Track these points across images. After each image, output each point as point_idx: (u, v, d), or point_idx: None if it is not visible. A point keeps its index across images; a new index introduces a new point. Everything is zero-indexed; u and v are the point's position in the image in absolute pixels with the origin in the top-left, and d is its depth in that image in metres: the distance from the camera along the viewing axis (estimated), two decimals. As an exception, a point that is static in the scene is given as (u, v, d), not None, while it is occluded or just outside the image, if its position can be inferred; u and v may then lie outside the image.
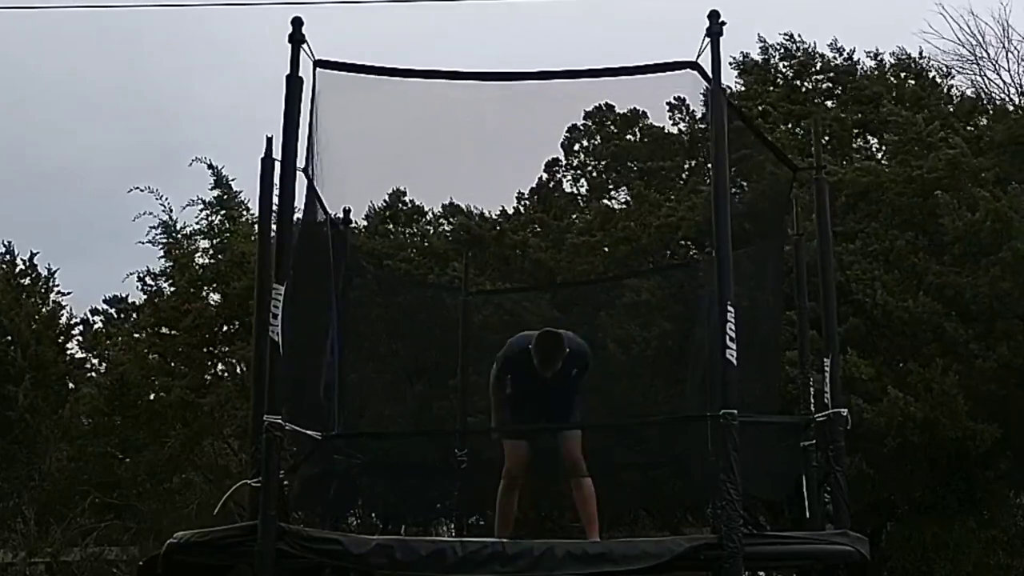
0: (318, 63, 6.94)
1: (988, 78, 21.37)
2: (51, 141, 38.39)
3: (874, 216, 14.87)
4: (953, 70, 19.67)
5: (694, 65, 7.00)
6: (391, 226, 17.94)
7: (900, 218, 14.99)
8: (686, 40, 7.19)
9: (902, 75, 17.75)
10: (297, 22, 6.89)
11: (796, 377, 9.30)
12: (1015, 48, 21.61)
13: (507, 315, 14.28)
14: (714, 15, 6.90)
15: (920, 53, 18.40)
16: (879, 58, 17.86)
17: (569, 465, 7.86)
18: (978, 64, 21.60)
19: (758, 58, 17.97)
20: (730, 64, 17.80)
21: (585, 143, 18.01)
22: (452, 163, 9.27)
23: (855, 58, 17.76)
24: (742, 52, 17.96)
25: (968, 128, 16.22)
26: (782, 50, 17.91)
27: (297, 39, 6.88)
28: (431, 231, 17.92)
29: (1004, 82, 21.45)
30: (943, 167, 14.73)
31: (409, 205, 18.17)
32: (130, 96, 38.50)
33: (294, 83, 6.85)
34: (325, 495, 8.53)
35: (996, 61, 21.70)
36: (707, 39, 6.91)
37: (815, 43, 17.80)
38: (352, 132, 7.56)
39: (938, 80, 18.18)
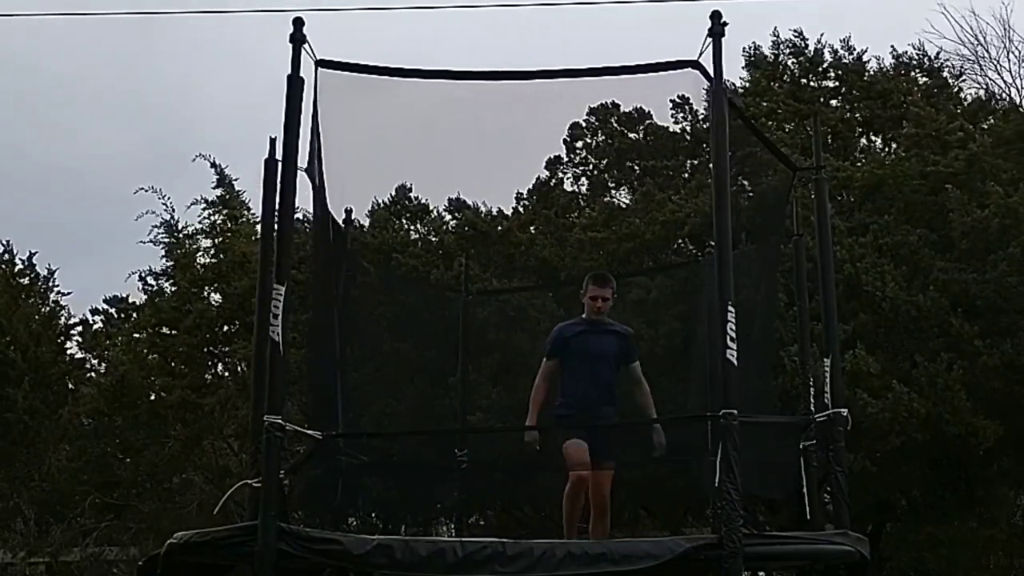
0: (320, 63, 6.99)
1: (990, 78, 21.46)
2: (60, 142, 38.49)
3: (885, 211, 14.93)
4: (964, 71, 19.77)
5: (696, 64, 7.04)
6: (397, 221, 18.00)
7: (910, 213, 15.06)
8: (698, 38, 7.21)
9: (913, 73, 17.78)
10: (298, 22, 6.95)
11: (798, 375, 9.35)
12: (1016, 48, 21.71)
13: (513, 311, 14.35)
14: (716, 15, 6.94)
15: (937, 53, 18.49)
16: (891, 55, 17.92)
17: (597, 503, 7.95)
18: (979, 64, 21.69)
19: (768, 53, 17.98)
20: (742, 53, 17.87)
21: (588, 140, 18.06)
22: (455, 161, 9.33)
23: (864, 57, 17.79)
24: (753, 43, 17.99)
25: (979, 127, 16.27)
26: (792, 46, 17.92)
27: (298, 39, 6.92)
28: (436, 228, 17.96)
29: (1005, 82, 21.54)
30: (962, 163, 14.81)
31: (414, 202, 18.25)
32: (141, 98, 38.59)
33: (295, 83, 6.89)
34: (326, 495, 8.59)
35: (997, 61, 21.80)
36: (709, 39, 6.95)
37: (826, 40, 17.82)
38: (355, 131, 7.62)
39: (950, 80, 18.22)
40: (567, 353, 8.25)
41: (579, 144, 17.98)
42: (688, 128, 17.42)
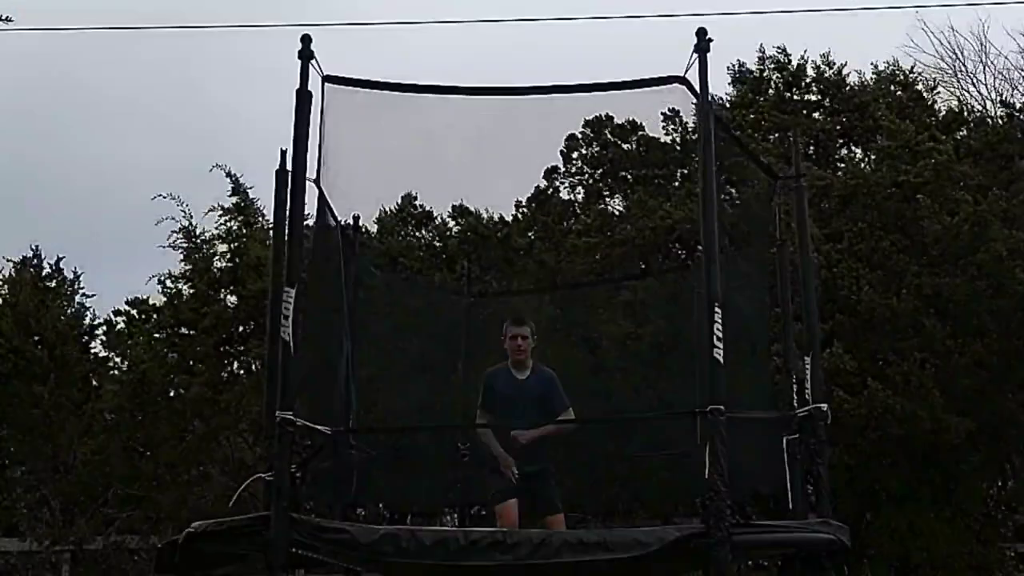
0: (326, 78, 7.00)
1: (967, 91, 21.48)
2: (90, 154, 38.30)
3: (860, 218, 14.92)
4: (939, 83, 19.79)
5: (682, 80, 7.04)
6: (403, 227, 18.01)
7: (884, 220, 15.06)
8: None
9: (891, 87, 17.79)
10: (306, 39, 6.96)
11: (780, 373, 9.36)
12: (992, 62, 21.74)
13: (513, 313, 14.34)
14: (701, 32, 6.94)
15: (912, 67, 18.51)
16: (868, 69, 17.94)
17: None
18: (957, 77, 21.72)
19: (754, 68, 18.00)
20: (727, 71, 17.91)
21: (584, 151, 18.08)
22: (458, 171, 9.32)
23: (844, 71, 17.80)
24: (738, 60, 18.02)
25: (952, 138, 16.27)
26: (775, 62, 17.94)
27: (306, 55, 6.93)
28: (440, 233, 17.97)
29: (982, 95, 21.56)
30: (929, 172, 14.80)
31: (419, 209, 18.28)
32: (168, 109, 38.39)
33: (303, 97, 6.92)
34: (335, 487, 8.58)
35: (974, 75, 21.82)
36: (695, 55, 6.95)
37: (807, 56, 17.84)
38: (362, 143, 7.61)
39: (924, 94, 18.23)
40: (496, 403, 7.97)
41: (575, 155, 18.01)
42: (678, 139, 17.44)
